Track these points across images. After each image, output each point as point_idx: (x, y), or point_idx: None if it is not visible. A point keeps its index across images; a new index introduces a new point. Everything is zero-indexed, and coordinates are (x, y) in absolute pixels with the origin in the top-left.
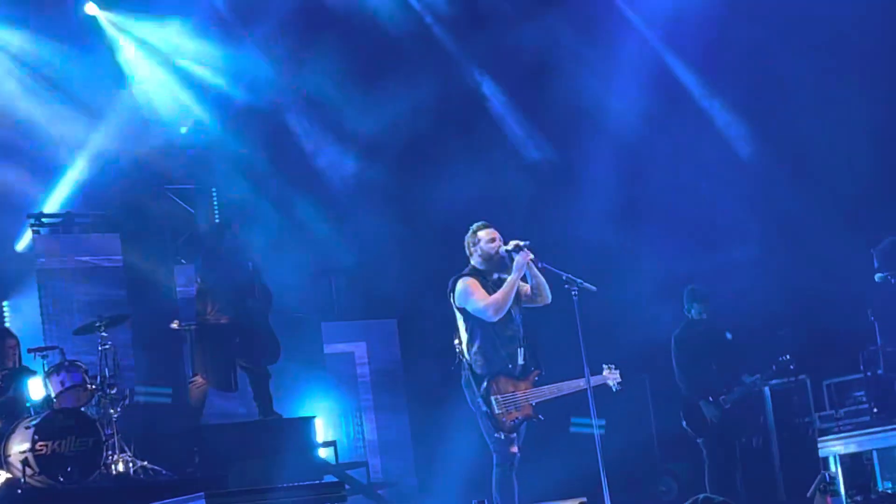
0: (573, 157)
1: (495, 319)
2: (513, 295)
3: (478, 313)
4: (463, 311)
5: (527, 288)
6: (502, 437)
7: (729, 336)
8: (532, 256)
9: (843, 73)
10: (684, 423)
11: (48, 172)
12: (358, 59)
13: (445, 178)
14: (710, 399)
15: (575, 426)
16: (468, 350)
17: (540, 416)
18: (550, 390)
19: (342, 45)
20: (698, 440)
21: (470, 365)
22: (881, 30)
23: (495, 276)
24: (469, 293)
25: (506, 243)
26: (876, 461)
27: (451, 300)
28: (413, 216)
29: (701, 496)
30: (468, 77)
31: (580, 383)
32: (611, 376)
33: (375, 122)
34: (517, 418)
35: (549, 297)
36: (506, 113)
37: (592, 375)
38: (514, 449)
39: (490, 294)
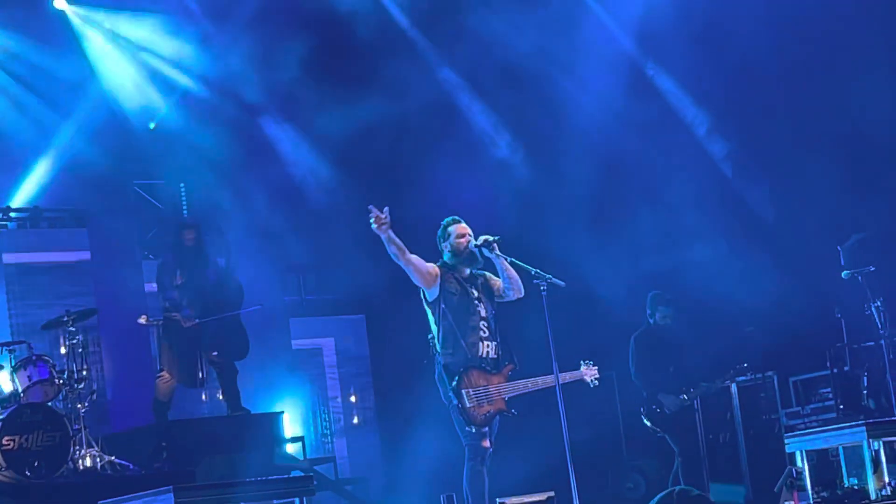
0: (544, 156)
1: (403, 265)
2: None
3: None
4: (431, 304)
5: (499, 283)
6: (473, 430)
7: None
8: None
9: (813, 72)
10: (645, 419)
11: (15, 167)
12: (330, 57)
13: (416, 175)
14: (668, 392)
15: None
16: (438, 343)
17: (513, 411)
18: (524, 385)
19: (314, 43)
20: (665, 436)
21: (440, 357)
22: (853, 27)
23: (467, 271)
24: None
25: (475, 238)
26: (842, 457)
27: (422, 295)
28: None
29: (677, 488)
30: (439, 74)
31: (553, 378)
32: (588, 372)
33: (346, 118)
34: (489, 412)
35: (522, 290)
36: (477, 111)
37: (570, 371)
38: (486, 443)
39: (455, 288)
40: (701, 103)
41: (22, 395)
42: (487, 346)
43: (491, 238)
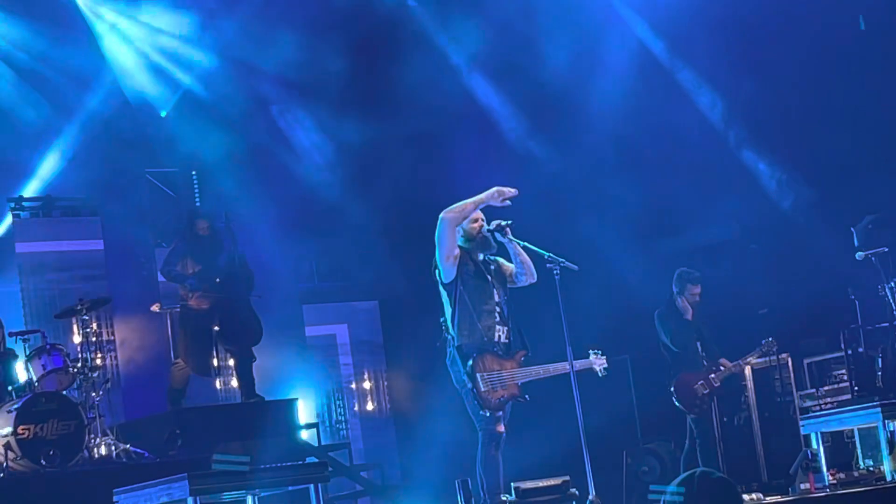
0: (557, 142)
1: (448, 218)
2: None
3: (440, 232)
4: (447, 286)
5: (511, 268)
6: (488, 414)
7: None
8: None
9: (825, 54)
10: (675, 399)
11: (27, 156)
12: (343, 43)
13: (428, 161)
14: (700, 378)
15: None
16: (451, 325)
17: (526, 397)
18: (536, 371)
19: (327, 29)
20: (690, 416)
21: (454, 340)
22: (864, 13)
23: (480, 256)
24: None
25: (488, 223)
26: (857, 439)
27: (437, 277)
28: (395, 197)
29: (698, 470)
30: (451, 61)
31: (566, 365)
32: (597, 361)
33: (359, 106)
34: (503, 397)
35: (535, 275)
36: (489, 98)
37: (579, 360)
38: (501, 428)
39: (472, 270)
40: (716, 88)
41: (36, 384)
42: (501, 330)
43: (503, 223)
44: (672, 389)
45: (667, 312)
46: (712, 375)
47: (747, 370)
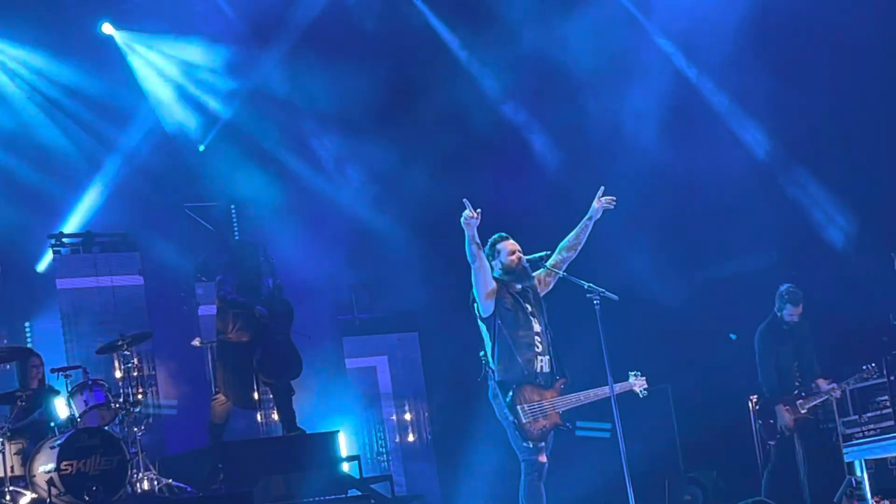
0: (593, 170)
1: (474, 267)
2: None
3: (473, 278)
4: (486, 320)
5: (541, 276)
6: (530, 446)
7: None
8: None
9: (865, 80)
10: (759, 422)
11: (67, 193)
12: (377, 73)
13: (467, 191)
14: (787, 406)
15: (581, 430)
16: (491, 359)
17: (567, 425)
18: (577, 398)
19: (361, 60)
20: (770, 443)
21: (494, 374)
22: None
23: (518, 286)
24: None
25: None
26: None
27: (475, 311)
28: (435, 228)
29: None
30: (488, 89)
31: (606, 391)
32: (637, 383)
33: (398, 136)
34: (545, 426)
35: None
36: (524, 124)
37: (619, 382)
38: (543, 458)
39: (510, 303)
40: (752, 113)
41: (79, 419)
42: (541, 360)
43: (542, 254)
44: (756, 409)
45: (766, 331)
46: (800, 401)
47: None
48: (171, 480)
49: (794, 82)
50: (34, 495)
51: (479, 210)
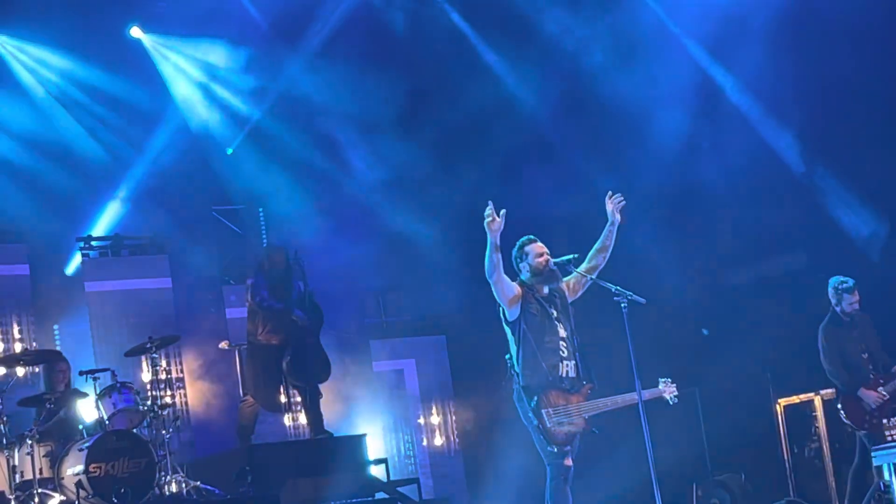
0: (621, 172)
1: (492, 277)
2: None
3: (493, 287)
4: (511, 324)
5: (573, 284)
6: (555, 450)
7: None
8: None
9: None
10: (843, 415)
11: (95, 196)
12: (406, 75)
13: (494, 193)
14: (869, 389)
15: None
16: (516, 363)
17: (594, 430)
18: (604, 403)
19: (390, 61)
20: (860, 433)
21: (519, 378)
22: None
23: (545, 289)
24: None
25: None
26: None
27: (501, 315)
28: (462, 230)
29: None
30: (519, 94)
31: (634, 396)
32: (667, 390)
33: (425, 138)
34: (570, 431)
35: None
36: (553, 128)
37: (649, 389)
38: (569, 462)
39: (536, 308)
40: (780, 118)
41: (107, 422)
42: (566, 365)
43: (569, 257)
44: (839, 406)
45: (829, 326)
46: (881, 388)
47: (817, 401)
48: (199, 483)
49: (824, 83)
50: (62, 497)
51: (503, 211)
